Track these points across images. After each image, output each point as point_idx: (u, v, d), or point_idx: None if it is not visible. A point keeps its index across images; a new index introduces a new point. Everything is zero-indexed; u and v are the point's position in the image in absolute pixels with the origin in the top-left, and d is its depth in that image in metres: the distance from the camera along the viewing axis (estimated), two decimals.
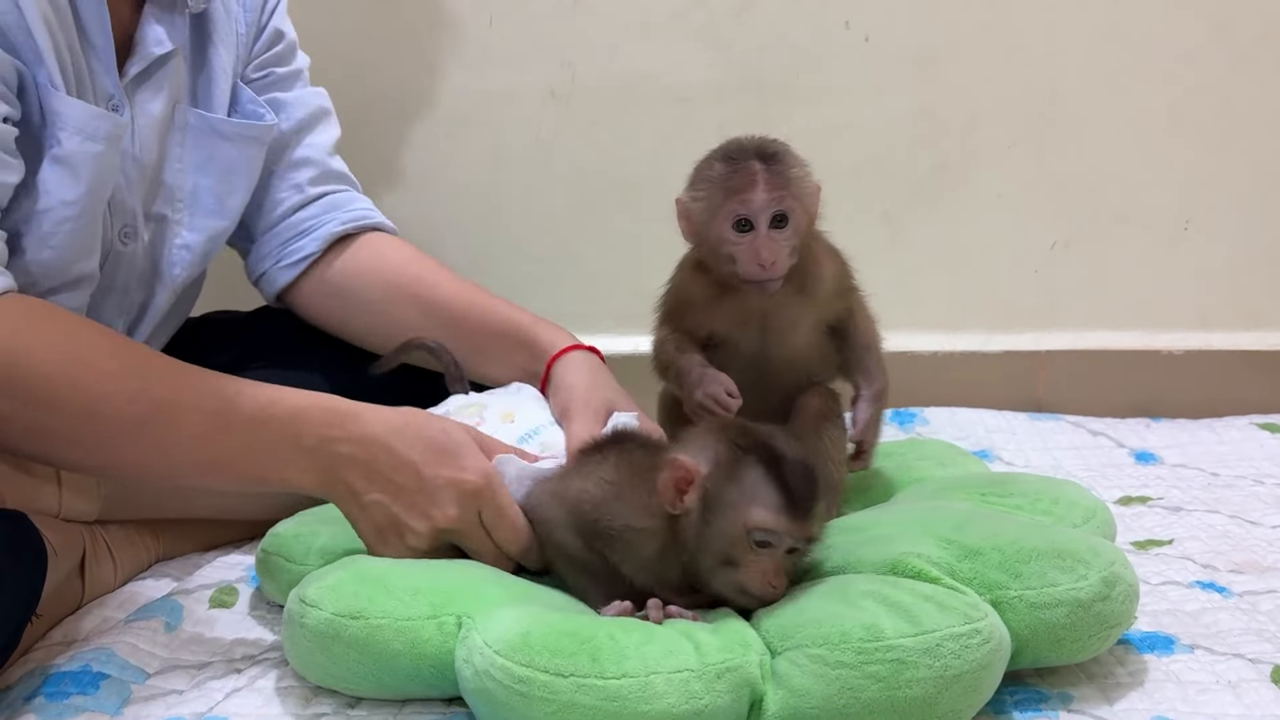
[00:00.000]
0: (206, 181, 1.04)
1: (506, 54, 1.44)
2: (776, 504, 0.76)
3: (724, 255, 0.91)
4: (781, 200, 0.90)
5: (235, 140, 1.05)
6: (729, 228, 0.90)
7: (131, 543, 1.03)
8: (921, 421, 1.41)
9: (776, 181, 0.90)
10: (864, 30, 1.43)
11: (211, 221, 1.05)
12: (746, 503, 0.77)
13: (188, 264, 1.05)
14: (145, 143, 0.98)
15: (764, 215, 0.90)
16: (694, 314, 0.97)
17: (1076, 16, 1.43)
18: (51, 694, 0.79)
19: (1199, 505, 1.15)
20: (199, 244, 1.05)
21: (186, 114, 1.02)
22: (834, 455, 0.99)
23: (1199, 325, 1.49)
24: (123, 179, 0.96)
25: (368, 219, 1.14)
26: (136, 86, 0.97)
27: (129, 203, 0.98)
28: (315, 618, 0.78)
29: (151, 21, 0.97)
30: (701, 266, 0.97)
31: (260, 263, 1.14)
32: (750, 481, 0.77)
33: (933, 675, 0.71)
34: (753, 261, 0.90)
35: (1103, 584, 0.78)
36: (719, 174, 0.91)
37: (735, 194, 0.90)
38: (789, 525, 0.77)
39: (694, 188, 0.94)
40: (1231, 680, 0.80)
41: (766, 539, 0.77)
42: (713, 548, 0.78)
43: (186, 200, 1.03)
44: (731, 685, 0.72)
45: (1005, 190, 1.48)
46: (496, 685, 0.72)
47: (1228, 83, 1.44)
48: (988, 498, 0.94)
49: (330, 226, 1.12)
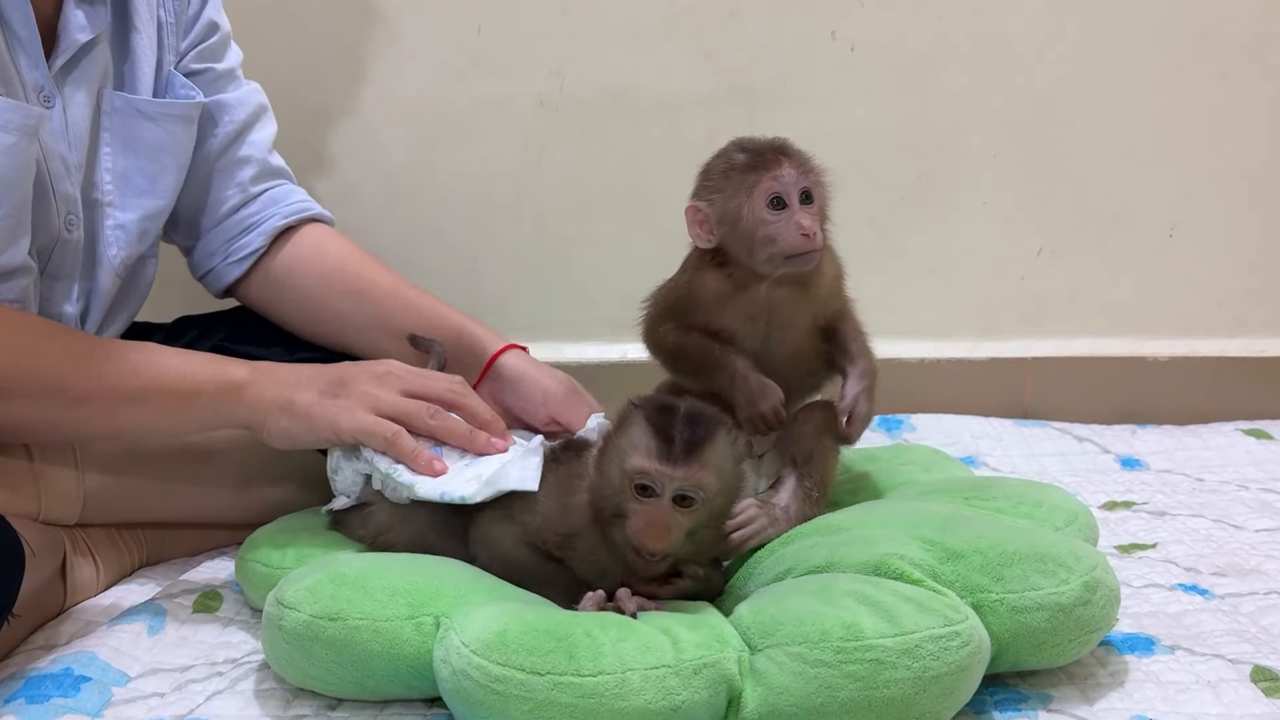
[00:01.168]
0: (136, 162, 1.05)
1: (495, 62, 1.45)
2: (652, 449, 0.78)
3: (761, 238, 0.93)
4: (807, 177, 0.93)
5: (160, 120, 1.06)
6: (764, 207, 0.92)
7: (114, 546, 1.03)
8: (908, 428, 1.41)
9: (799, 162, 0.94)
10: (850, 39, 1.44)
11: (144, 201, 1.06)
12: (627, 451, 0.79)
13: (123, 244, 1.06)
14: (78, 131, 0.99)
15: (795, 190, 0.92)
16: (702, 312, 0.98)
17: (1062, 25, 1.44)
18: (32, 696, 0.79)
19: (1183, 510, 1.15)
20: (133, 223, 1.06)
21: (112, 98, 1.03)
22: (830, 458, 0.99)
23: (1185, 332, 1.50)
24: (61, 167, 0.98)
25: (307, 210, 1.17)
26: (65, 76, 0.98)
27: (69, 190, 0.99)
28: (293, 620, 0.78)
29: (73, 10, 0.98)
30: (715, 265, 0.98)
31: (207, 260, 1.16)
32: (633, 433, 0.80)
33: (911, 676, 0.71)
34: (795, 233, 0.92)
35: (1084, 588, 0.79)
36: (742, 163, 0.94)
37: (767, 172, 0.92)
38: (665, 469, 0.78)
39: (712, 185, 0.95)
40: (1211, 680, 0.80)
41: (646, 483, 0.78)
42: (609, 503, 0.80)
43: (116, 182, 1.04)
44: (709, 681, 0.72)
45: (991, 198, 1.48)
46: (473, 685, 0.72)
47: (1213, 91, 1.45)
48: (971, 501, 0.94)
49: (274, 221, 1.14)
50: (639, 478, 0.78)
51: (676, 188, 1.47)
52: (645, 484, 0.79)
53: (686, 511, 0.80)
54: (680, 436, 0.78)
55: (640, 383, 1.08)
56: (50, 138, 0.96)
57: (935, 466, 1.11)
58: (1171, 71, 1.44)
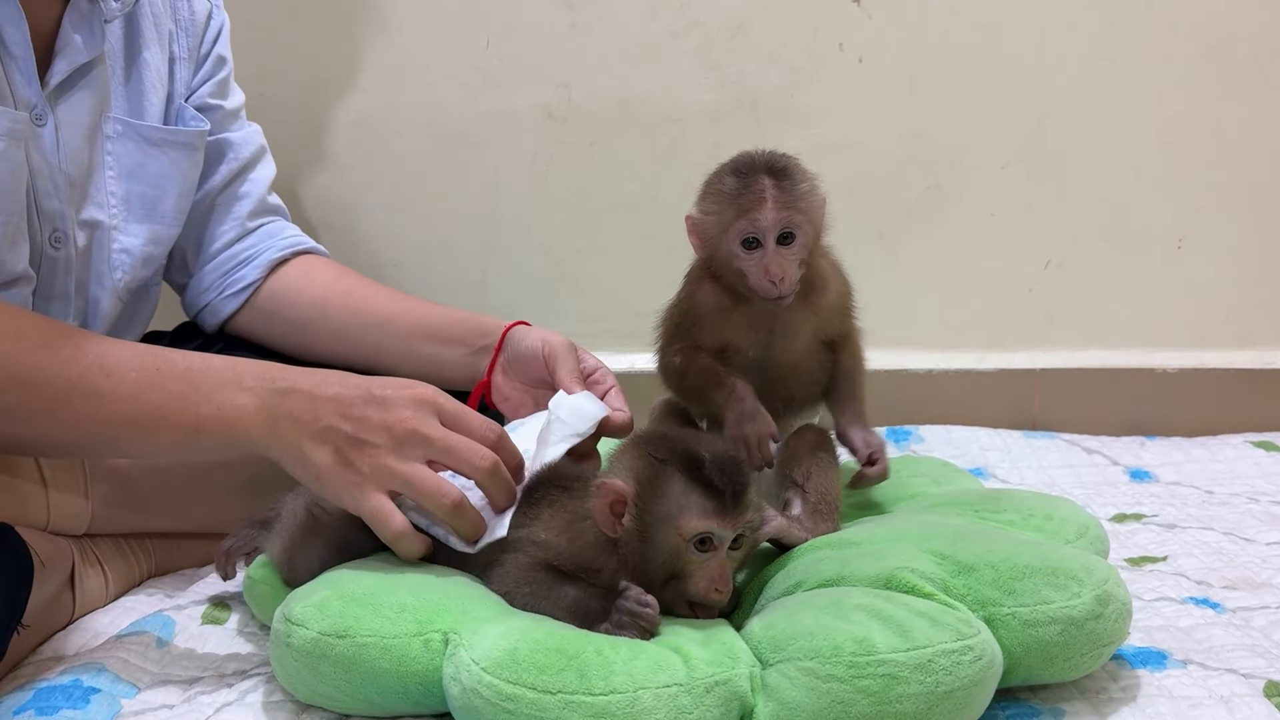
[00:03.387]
0: (138, 187, 1.06)
1: (503, 75, 1.46)
2: (705, 507, 0.78)
3: (734, 270, 0.93)
4: (789, 219, 0.91)
5: (164, 146, 1.07)
6: (738, 245, 0.92)
7: (123, 557, 1.02)
8: (917, 440, 1.41)
9: (784, 200, 0.91)
10: (857, 52, 1.45)
11: (147, 226, 1.07)
12: (678, 513, 0.78)
13: (129, 267, 1.07)
14: (70, 150, 1.00)
15: (771, 234, 0.91)
16: (706, 325, 0.98)
17: (1069, 38, 1.44)
18: (41, 708, 0.79)
19: (1193, 522, 1.15)
20: (137, 248, 1.07)
21: (113, 122, 1.04)
22: (830, 472, 0.99)
23: (1193, 344, 1.50)
24: (49, 185, 0.98)
25: (301, 244, 1.18)
26: (59, 95, 0.99)
27: (56, 208, 0.99)
28: (301, 637, 0.78)
29: (70, 31, 0.99)
30: (713, 277, 0.98)
31: (202, 295, 1.17)
32: (676, 491, 0.79)
33: (924, 691, 0.71)
34: (763, 277, 0.91)
35: (1096, 602, 0.78)
36: (729, 190, 0.92)
37: (744, 213, 0.91)
38: (723, 522, 0.78)
39: (704, 203, 0.95)
40: (1224, 695, 0.79)
41: (705, 539, 0.78)
42: (657, 563, 0.80)
43: (120, 206, 1.05)
44: (720, 699, 0.72)
45: (999, 210, 1.48)
46: (484, 703, 0.72)
47: (1219, 103, 1.45)
48: (981, 514, 0.94)
49: (269, 254, 1.15)
50: (698, 536, 0.78)
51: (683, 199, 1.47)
52: (706, 539, 0.79)
53: (736, 554, 0.81)
54: (727, 488, 0.78)
55: (647, 394, 1.08)
56: (39, 154, 0.97)
57: (944, 478, 1.11)
58: (1178, 85, 1.45)
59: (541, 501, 0.86)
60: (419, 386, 0.84)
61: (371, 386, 0.83)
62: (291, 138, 1.48)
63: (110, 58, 1.04)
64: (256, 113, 1.44)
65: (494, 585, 0.84)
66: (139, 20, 1.06)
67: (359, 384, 0.84)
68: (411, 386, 0.84)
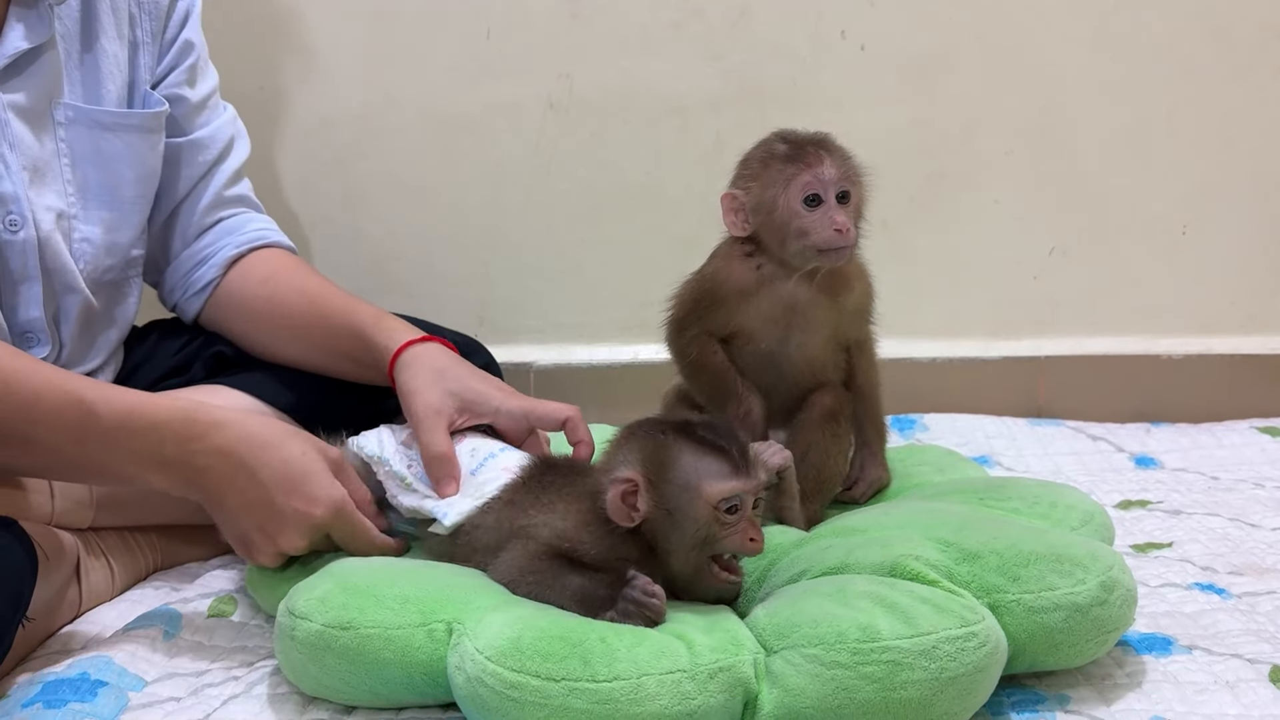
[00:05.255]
0: (94, 174, 1.05)
1: (505, 66, 1.45)
2: (723, 470, 0.78)
3: (795, 230, 0.94)
4: (846, 177, 0.94)
5: (118, 131, 1.06)
6: (800, 202, 0.93)
7: (128, 550, 1.03)
8: (922, 428, 1.41)
9: (839, 159, 0.94)
10: (860, 39, 1.44)
11: (106, 213, 1.06)
12: (698, 480, 0.78)
13: (90, 257, 1.05)
14: (19, 135, 0.99)
15: (833, 188, 0.93)
16: (726, 307, 0.99)
17: (1073, 24, 1.44)
18: (49, 701, 0.79)
19: (1199, 509, 1.15)
20: (99, 236, 1.06)
21: (65, 108, 1.03)
22: (832, 451, 1.00)
23: (1198, 330, 1.49)
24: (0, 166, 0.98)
25: (262, 239, 1.15)
26: (4, 79, 0.98)
27: (9, 190, 0.98)
28: (305, 630, 0.78)
29: (13, 20, 0.98)
30: (744, 255, 0.98)
31: (170, 295, 1.17)
32: (688, 459, 0.79)
33: (928, 677, 0.71)
34: (828, 228, 0.93)
35: (1101, 588, 0.78)
36: (783, 154, 0.95)
37: (807, 168, 0.93)
38: (746, 483, 0.79)
39: (751, 175, 0.96)
40: (1230, 680, 0.80)
41: (733, 504, 0.79)
42: (688, 537, 0.79)
43: (77, 195, 1.04)
44: (724, 685, 0.72)
45: (1003, 197, 1.48)
46: (489, 691, 0.72)
47: (1225, 89, 1.44)
48: (986, 501, 0.94)
49: (226, 251, 1.13)
50: (727, 502, 0.79)
51: (686, 189, 1.47)
52: (734, 506, 0.79)
53: (759, 507, 0.82)
54: (732, 447, 0.79)
55: (652, 384, 1.08)
56: None
57: (949, 467, 1.11)
58: (1183, 70, 1.44)
59: (551, 489, 0.86)
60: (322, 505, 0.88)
61: (276, 494, 0.87)
62: (292, 131, 1.48)
63: (65, 42, 1.03)
64: (257, 105, 1.45)
65: (496, 575, 0.84)
66: (96, 5, 1.04)
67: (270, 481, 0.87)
68: (315, 502, 0.88)
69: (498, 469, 0.91)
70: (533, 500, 0.86)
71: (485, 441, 0.96)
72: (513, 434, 0.97)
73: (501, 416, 0.96)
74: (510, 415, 0.96)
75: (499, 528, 0.87)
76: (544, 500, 0.86)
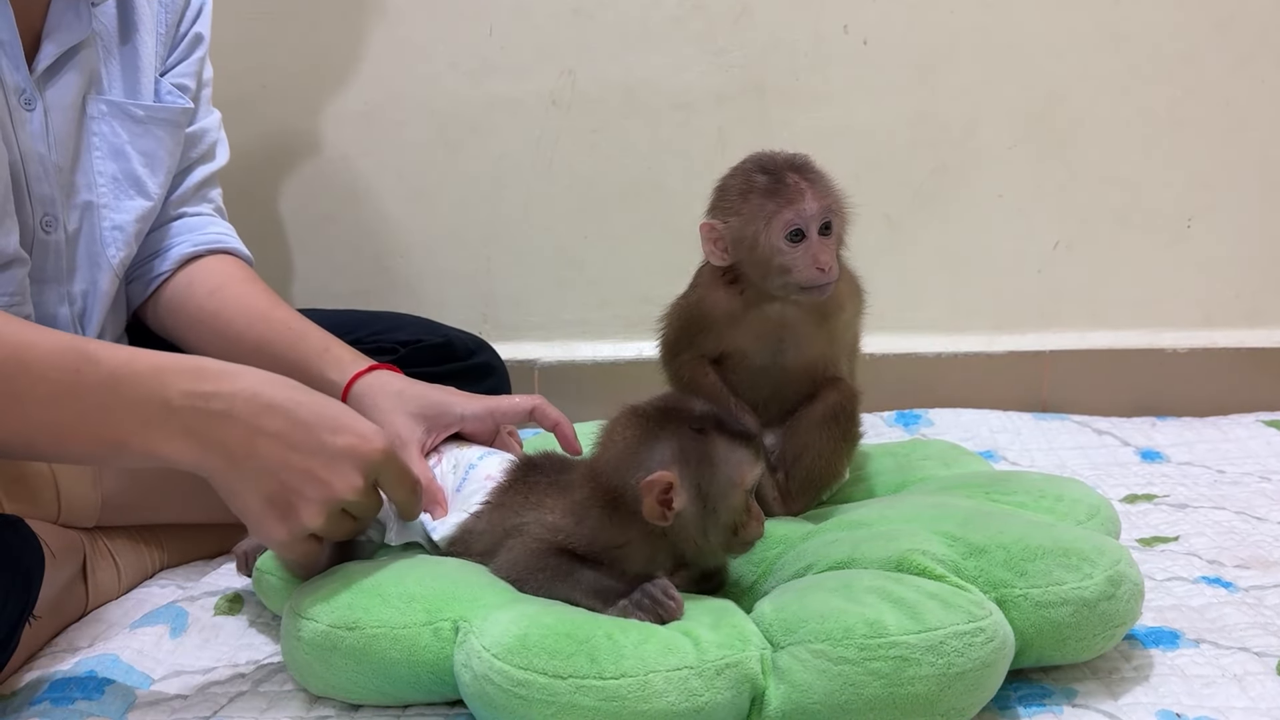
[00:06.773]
0: (126, 165, 1.06)
1: (507, 62, 1.45)
2: (748, 457, 0.81)
3: (777, 267, 0.91)
4: (828, 208, 0.91)
5: (149, 124, 1.07)
6: (782, 239, 0.90)
7: (135, 548, 1.03)
8: (926, 423, 1.41)
9: (819, 190, 0.91)
10: (863, 34, 1.44)
11: (136, 203, 1.07)
12: (737, 474, 0.80)
13: (121, 244, 1.06)
14: (60, 133, 1.00)
15: (815, 223, 0.90)
16: (713, 331, 0.97)
17: (1076, 18, 1.43)
18: (56, 699, 0.80)
19: (1205, 502, 1.15)
20: (129, 224, 1.07)
21: (98, 103, 1.04)
22: (830, 454, 0.99)
23: (1203, 324, 1.49)
24: (40, 169, 0.99)
25: (219, 243, 1.15)
26: (47, 79, 0.99)
27: (47, 192, 1.00)
28: (311, 630, 0.78)
29: (58, 15, 0.99)
30: (726, 281, 0.96)
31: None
32: (723, 453, 0.80)
33: (936, 673, 0.71)
34: (811, 267, 0.90)
35: (1108, 582, 0.78)
36: (764, 186, 0.91)
37: (788, 204, 0.90)
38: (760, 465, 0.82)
39: (730, 207, 0.92)
40: (1237, 673, 0.79)
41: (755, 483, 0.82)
42: (722, 525, 0.80)
43: (109, 185, 1.05)
44: (731, 681, 0.72)
45: (1006, 191, 1.48)
46: (495, 689, 0.72)
47: (1228, 81, 1.44)
48: (991, 496, 0.94)
49: (182, 249, 1.13)
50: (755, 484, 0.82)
51: (689, 185, 1.47)
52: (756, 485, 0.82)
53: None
54: (741, 431, 0.82)
55: (656, 380, 1.07)
56: (29, 139, 0.97)
57: (954, 461, 1.10)
58: (1186, 62, 1.44)
59: (539, 488, 0.86)
60: (375, 437, 0.78)
61: (323, 431, 0.76)
62: (294, 128, 1.48)
63: (104, 38, 1.04)
64: (259, 103, 1.45)
65: (501, 572, 0.84)
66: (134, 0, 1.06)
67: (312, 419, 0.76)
68: (366, 436, 0.77)
69: (480, 478, 0.92)
70: (522, 500, 0.87)
71: (463, 451, 0.96)
72: (481, 435, 0.98)
73: (468, 421, 0.96)
74: (476, 418, 0.96)
75: (492, 531, 0.87)
76: (533, 499, 0.86)
